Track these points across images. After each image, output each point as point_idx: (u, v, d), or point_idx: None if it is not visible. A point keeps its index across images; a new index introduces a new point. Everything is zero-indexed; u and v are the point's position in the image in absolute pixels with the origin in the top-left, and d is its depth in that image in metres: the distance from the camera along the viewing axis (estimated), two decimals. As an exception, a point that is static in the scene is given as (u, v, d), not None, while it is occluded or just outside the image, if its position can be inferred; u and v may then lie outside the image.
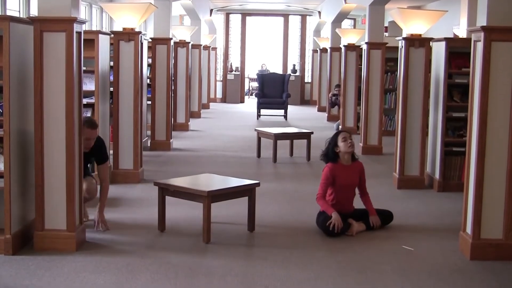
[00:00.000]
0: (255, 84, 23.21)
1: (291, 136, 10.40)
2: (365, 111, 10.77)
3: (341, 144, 6.06)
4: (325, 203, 5.99)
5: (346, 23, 22.23)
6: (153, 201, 6.61)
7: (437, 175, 7.97)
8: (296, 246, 5.59)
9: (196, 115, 16.33)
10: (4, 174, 5.05)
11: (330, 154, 6.10)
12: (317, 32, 21.71)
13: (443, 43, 7.83)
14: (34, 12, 12.09)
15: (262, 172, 9.05)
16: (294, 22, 23.40)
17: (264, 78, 17.16)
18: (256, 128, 10.66)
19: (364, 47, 10.83)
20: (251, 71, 24.13)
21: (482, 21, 5.20)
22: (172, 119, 11.92)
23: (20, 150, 5.22)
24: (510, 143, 5.16)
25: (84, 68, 7.19)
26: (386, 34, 17.44)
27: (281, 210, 6.87)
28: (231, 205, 6.54)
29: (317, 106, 19.59)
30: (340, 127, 13.45)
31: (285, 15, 23.25)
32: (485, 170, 5.21)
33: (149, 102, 10.96)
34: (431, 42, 8.24)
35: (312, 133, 10.22)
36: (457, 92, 8.00)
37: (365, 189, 6.25)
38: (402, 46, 8.09)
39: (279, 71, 22.80)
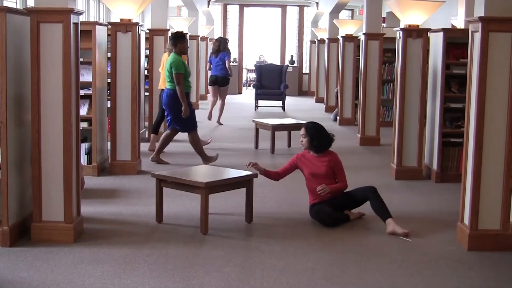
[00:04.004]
0: (253, 75, 23.16)
1: (289, 127, 10.39)
2: (363, 102, 10.77)
3: None
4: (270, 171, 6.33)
5: (344, 14, 22.19)
6: (151, 193, 6.62)
7: (435, 166, 7.98)
8: (294, 237, 5.59)
9: (194, 106, 16.13)
10: (1, 165, 5.05)
11: None
12: (315, 23, 21.65)
13: (440, 34, 7.82)
14: (31, 3, 12.05)
15: (260, 163, 9.02)
16: (292, 13, 23.35)
17: (262, 69, 17.13)
18: (254, 119, 10.65)
19: (362, 38, 10.81)
20: (249, 62, 24.09)
21: (479, 11, 5.19)
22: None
23: (17, 142, 5.21)
24: (507, 133, 5.16)
25: (81, 60, 7.19)
26: (384, 25, 17.45)
27: (279, 201, 6.88)
28: (229, 196, 6.56)
29: (315, 97, 19.57)
30: (338, 117, 13.46)
31: (283, 6, 23.20)
32: (482, 161, 5.22)
33: (147, 93, 10.94)
34: (428, 33, 8.23)
35: (310, 124, 10.19)
36: (455, 82, 7.99)
37: (340, 179, 6.07)
38: (399, 37, 8.08)
39: (277, 62, 22.76)
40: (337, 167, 6.10)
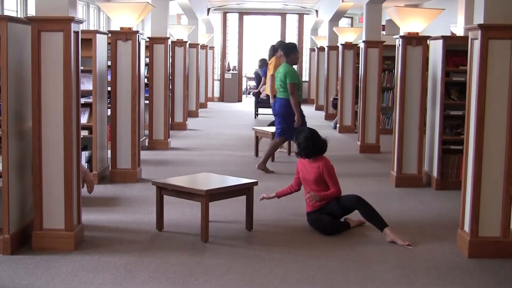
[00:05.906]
0: (252, 83, 23.19)
1: (289, 135, 10.40)
2: (363, 110, 10.78)
3: None
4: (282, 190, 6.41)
5: (344, 22, 22.24)
6: (151, 200, 6.62)
7: (435, 173, 7.99)
8: (294, 245, 5.59)
9: (194, 114, 16.33)
10: (2, 174, 5.06)
11: None
12: (314, 30, 21.70)
13: (440, 41, 7.84)
14: (31, 12, 12.08)
15: (260, 171, 9.05)
16: (292, 21, 23.40)
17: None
18: (254, 127, 10.66)
19: (362, 45, 10.84)
20: (249, 70, 24.12)
21: (479, 19, 5.21)
22: (170, 118, 11.92)
23: (18, 150, 5.22)
24: (507, 141, 5.17)
25: (82, 68, 7.21)
26: (384, 32, 17.47)
27: (279, 208, 6.87)
28: (229, 204, 6.56)
29: (314, 105, 19.58)
30: (337, 125, 13.47)
31: (283, 14, 23.25)
32: (482, 168, 5.22)
33: (147, 102, 10.96)
34: (428, 40, 8.25)
35: (310, 131, 10.20)
36: (454, 90, 8.01)
37: (331, 185, 5.98)
38: (399, 45, 8.09)
39: (277, 70, 22.75)
40: (326, 173, 5.99)
